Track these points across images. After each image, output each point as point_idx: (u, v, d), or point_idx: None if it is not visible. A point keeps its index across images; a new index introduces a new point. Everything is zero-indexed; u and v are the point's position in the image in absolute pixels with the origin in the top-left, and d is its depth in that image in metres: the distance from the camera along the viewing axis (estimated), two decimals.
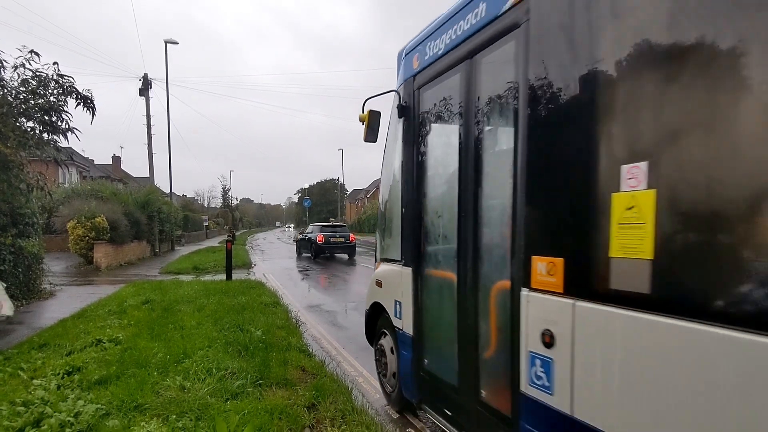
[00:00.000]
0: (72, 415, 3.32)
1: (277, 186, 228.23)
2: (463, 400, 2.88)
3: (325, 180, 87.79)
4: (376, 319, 4.36)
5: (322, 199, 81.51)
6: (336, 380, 4.33)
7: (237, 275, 12.19)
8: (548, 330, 2.06)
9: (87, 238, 14.65)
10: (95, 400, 3.62)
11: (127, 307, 7.56)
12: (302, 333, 6.25)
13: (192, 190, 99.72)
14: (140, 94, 23.59)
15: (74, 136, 8.40)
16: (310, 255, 20.38)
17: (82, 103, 8.28)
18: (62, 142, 8.49)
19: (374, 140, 3.85)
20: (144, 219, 18.84)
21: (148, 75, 23.49)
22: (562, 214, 2.04)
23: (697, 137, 1.51)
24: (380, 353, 4.21)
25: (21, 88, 7.75)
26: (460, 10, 2.83)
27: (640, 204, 1.63)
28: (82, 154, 35.73)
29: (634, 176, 1.65)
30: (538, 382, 2.14)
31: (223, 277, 11.66)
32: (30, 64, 7.75)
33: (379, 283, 4.18)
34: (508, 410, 2.41)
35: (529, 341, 2.18)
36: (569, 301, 1.94)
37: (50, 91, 7.96)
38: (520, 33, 2.28)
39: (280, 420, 3.39)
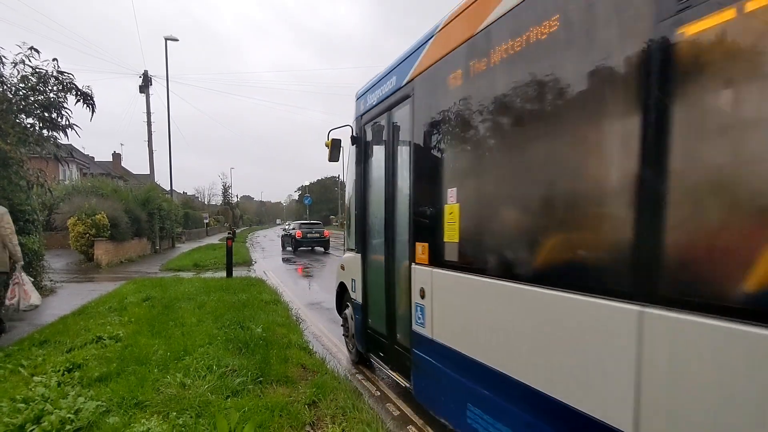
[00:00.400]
0: (72, 412, 3.32)
1: (278, 183, 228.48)
2: (388, 344, 4.17)
3: (326, 177, 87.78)
4: (343, 295, 5.59)
5: (323, 197, 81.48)
6: (337, 377, 4.33)
7: (237, 272, 12.20)
8: (422, 287, 3.31)
9: (87, 235, 14.64)
10: (95, 397, 3.61)
11: (127, 304, 7.56)
12: (302, 330, 6.25)
13: (192, 187, 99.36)
14: (140, 91, 23.54)
15: (74, 132, 8.41)
16: (291, 248, 23.68)
17: (81, 100, 8.26)
18: (62, 139, 8.49)
19: (336, 160, 5.10)
20: (144, 216, 18.83)
21: (149, 72, 23.45)
22: (426, 216, 3.25)
23: (471, 178, 2.80)
24: (345, 320, 5.51)
25: (21, 85, 7.73)
26: (384, 76, 4.09)
27: (454, 211, 2.86)
28: (82, 151, 35.69)
29: (452, 195, 2.89)
30: (419, 321, 3.38)
31: (224, 274, 11.66)
32: (30, 60, 7.74)
33: (343, 267, 5.45)
34: (408, 344, 3.61)
35: (415, 296, 3.43)
36: (430, 268, 3.20)
37: (50, 87, 7.95)
38: (411, 101, 3.49)
39: (280, 417, 3.38)
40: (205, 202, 67.58)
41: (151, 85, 23.59)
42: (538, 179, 2.27)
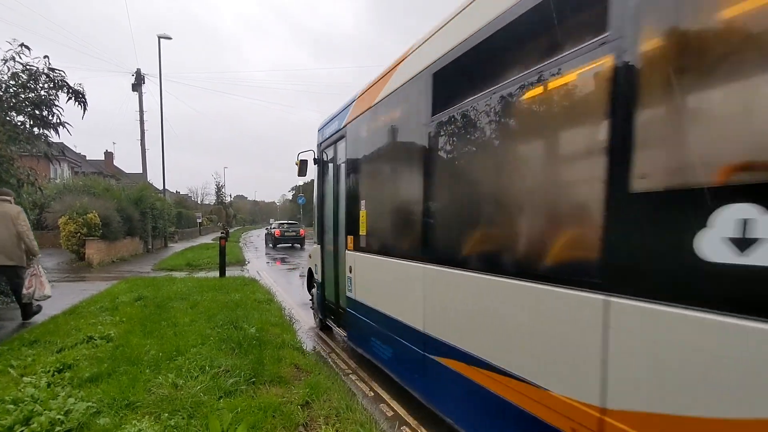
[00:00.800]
0: (62, 413, 3.27)
1: (272, 183, 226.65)
2: (335, 309, 5.80)
3: None
4: (311, 279, 7.27)
5: None
6: (330, 378, 4.31)
7: (231, 272, 12.15)
8: (351, 266, 4.90)
9: (79, 234, 14.49)
10: (86, 398, 3.57)
11: (119, 303, 7.49)
12: (296, 330, 6.23)
13: (185, 186, 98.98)
14: (133, 90, 23.32)
15: (66, 130, 8.33)
16: (271, 245, 27.39)
17: (73, 98, 8.18)
18: (53, 137, 8.40)
19: (304, 175, 7.02)
20: (137, 215, 18.66)
21: (142, 71, 23.24)
22: (352, 217, 4.87)
23: (368, 194, 4.55)
24: (312, 297, 7.27)
25: (11, 82, 7.64)
26: (333, 118, 5.71)
27: (364, 215, 4.53)
28: (73, 149, 35.34)
29: (363, 205, 4.53)
30: (349, 289, 4.98)
31: (217, 273, 11.60)
32: (20, 57, 7.65)
33: (310, 256, 7.30)
34: (345, 305, 5.22)
35: (347, 272, 5.02)
36: (354, 252, 4.80)
37: (41, 85, 7.86)
38: (345, 140, 5.15)
39: (273, 418, 3.36)
40: (199, 202, 67.26)
41: (144, 83, 23.39)
42: (388, 197, 4.19)
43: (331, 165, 5.87)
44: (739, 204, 1.43)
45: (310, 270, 7.28)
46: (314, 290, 6.98)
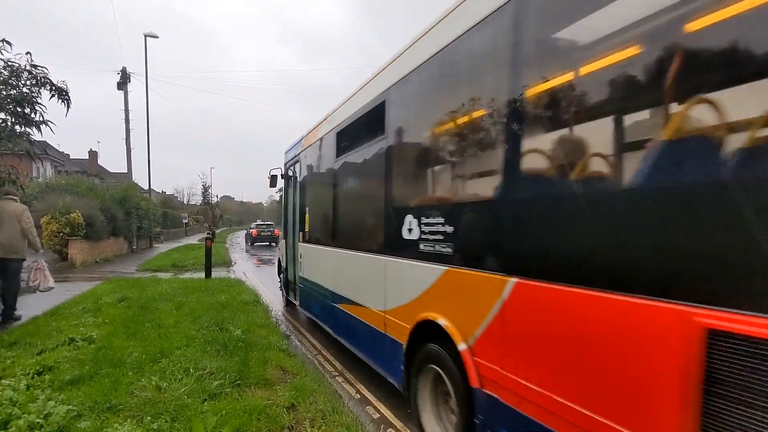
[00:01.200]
0: (42, 416, 3.20)
1: (259, 184, 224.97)
2: (293, 285, 7.78)
3: None
4: (280, 266, 9.23)
5: None
6: (316, 380, 4.29)
7: (216, 273, 12.03)
8: (301, 253, 7.13)
9: (61, 233, 14.23)
10: (66, 401, 3.50)
11: (102, 304, 7.38)
12: (282, 332, 6.18)
13: (171, 186, 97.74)
14: (118, 88, 23.05)
15: (49, 128, 8.15)
16: (249, 244, 30.85)
17: (56, 95, 8.03)
18: (36, 135, 8.23)
19: (275, 187, 9.60)
20: (121, 215, 18.38)
21: (129, 69, 22.97)
22: (302, 219, 7.14)
23: (310, 201, 6.89)
24: (280, 280, 9.28)
25: None
26: (294, 145, 7.87)
27: (307, 217, 6.86)
28: (57, 148, 34.72)
29: (307, 210, 6.91)
30: (299, 269, 7.24)
31: (203, 275, 11.49)
32: (2, 53, 7.49)
33: (279, 249, 9.59)
34: (298, 282, 7.36)
35: (299, 258, 7.29)
36: (303, 243, 7.05)
37: (23, 81, 7.70)
38: (300, 162, 7.47)
39: (258, 421, 3.33)
40: (185, 202, 66.55)
41: (129, 81, 23.13)
42: (317, 205, 6.38)
43: (292, 180, 8.10)
44: (408, 215, 3.47)
45: (279, 259, 9.65)
46: (281, 275, 9.12)
